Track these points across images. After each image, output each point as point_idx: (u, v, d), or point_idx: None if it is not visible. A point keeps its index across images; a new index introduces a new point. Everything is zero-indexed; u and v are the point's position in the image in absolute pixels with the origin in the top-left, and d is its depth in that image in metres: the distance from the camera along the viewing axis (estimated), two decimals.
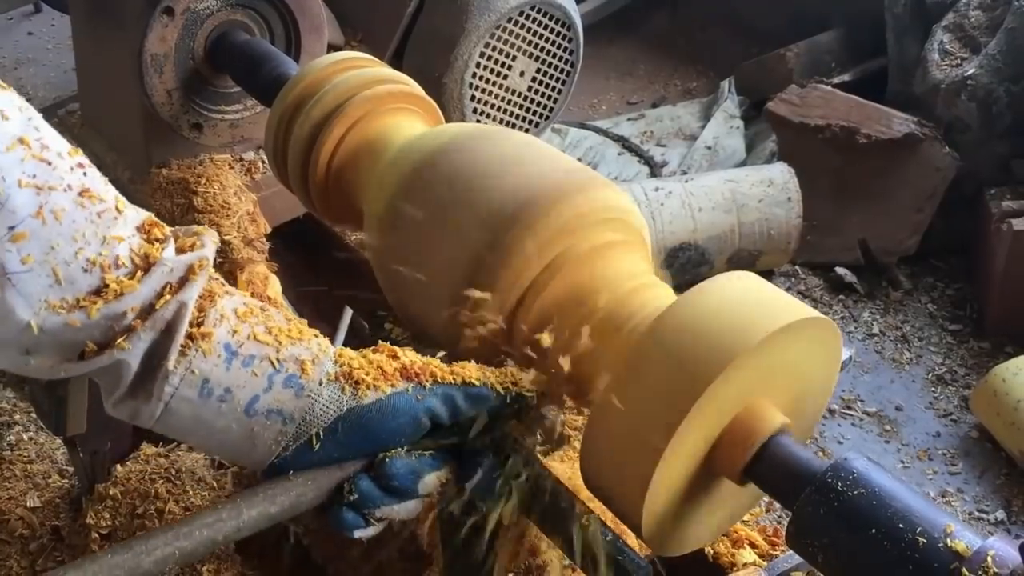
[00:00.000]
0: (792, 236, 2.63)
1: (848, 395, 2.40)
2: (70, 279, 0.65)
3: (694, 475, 0.72)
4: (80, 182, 0.66)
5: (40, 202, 0.63)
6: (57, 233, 0.64)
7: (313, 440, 0.70)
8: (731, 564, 0.93)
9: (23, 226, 0.62)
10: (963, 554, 0.60)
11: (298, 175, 1.03)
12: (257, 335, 0.71)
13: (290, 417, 0.70)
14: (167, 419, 0.69)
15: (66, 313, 0.65)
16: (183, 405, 0.69)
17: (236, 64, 1.25)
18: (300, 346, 0.72)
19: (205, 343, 0.69)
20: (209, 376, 0.69)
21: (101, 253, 0.66)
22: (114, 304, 0.66)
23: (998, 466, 2.23)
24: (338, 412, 0.71)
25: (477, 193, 0.84)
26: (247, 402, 0.69)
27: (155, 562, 0.64)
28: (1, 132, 0.62)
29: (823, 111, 2.80)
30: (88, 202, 0.66)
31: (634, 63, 3.81)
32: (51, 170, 0.64)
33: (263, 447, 0.71)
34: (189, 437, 0.73)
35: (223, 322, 0.70)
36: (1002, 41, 2.65)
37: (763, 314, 0.69)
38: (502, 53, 1.58)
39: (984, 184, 2.67)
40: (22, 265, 0.63)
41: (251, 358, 0.70)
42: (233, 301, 0.72)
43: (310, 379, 0.71)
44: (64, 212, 0.64)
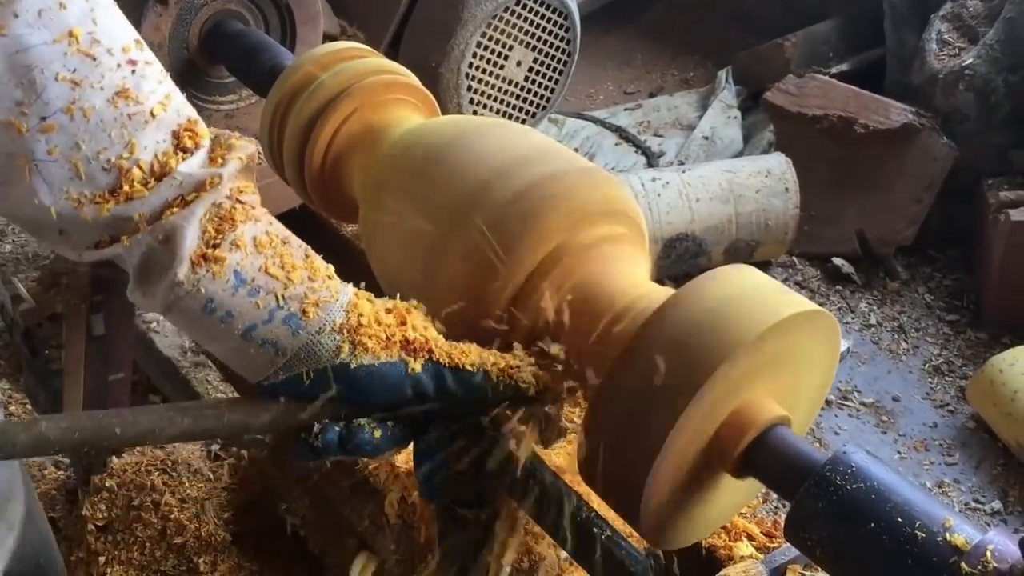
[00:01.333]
0: (789, 227, 2.62)
1: (845, 386, 2.40)
2: (90, 176, 0.68)
3: (692, 468, 0.71)
4: (120, 82, 0.68)
5: (73, 97, 0.66)
6: (84, 130, 0.67)
7: (303, 375, 0.72)
8: (728, 557, 0.93)
9: (53, 118, 0.65)
10: (962, 548, 0.60)
11: (293, 166, 1.03)
12: (269, 268, 0.72)
13: (283, 351, 0.72)
14: (169, 316, 0.73)
15: (81, 207, 0.68)
16: (185, 314, 0.72)
17: (231, 54, 1.24)
18: (310, 286, 0.73)
19: (217, 266, 0.71)
20: (214, 297, 0.71)
21: (122, 156, 0.69)
22: (123, 206, 0.69)
23: (994, 456, 2.23)
24: (331, 362, 0.72)
25: (474, 184, 0.83)
26: (245, 328, 0.72)
27: (137, 433, 0.68)
28: (55, 20, 0.65)
29: (821, 101, 2.79)
30: (123, 103, 0.68)
31: (631, 53, 3.80)
32: (94, 66, 0.66)
33: (254, 368, 0.73)
34: (191, 336, 0.79)
35: (238, 249, 0.72)
36: (1000, 31, 2.64)
37: (761, 307, 0.68)
38: (499, 43, 1.57)
39: (982, 174, 2.67)
40: (48, 155, 0.66)
41: (257, 289, 0.72)
42: (256, 228, 0.73)
43: (310, 322, 0.72)
44: (93, 110, 0.67)
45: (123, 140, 0.69)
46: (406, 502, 1.00)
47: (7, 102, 0.65)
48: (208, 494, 1.50)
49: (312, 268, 0.75)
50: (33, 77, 0.64)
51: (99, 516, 1.49)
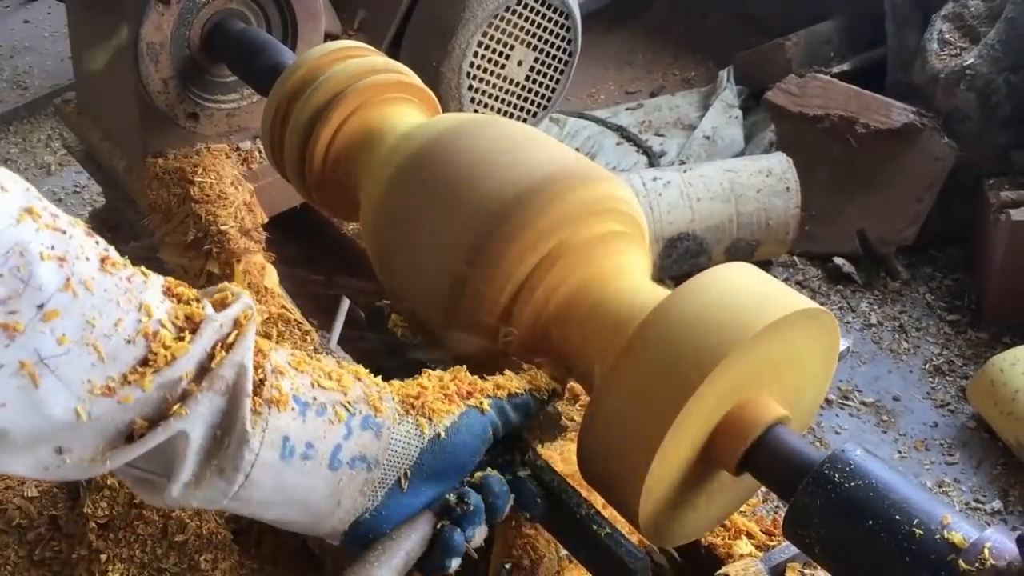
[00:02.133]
0: (790, 226, 2.62)
1: (846, 385, 2.40)
2: (113, 354, 0.58)
3: (691, 466, 0.72)
4: (97, 250, 0.59)
5: (66, 274, 0.56)
6: (91, 306, 0.57)
7: (402, 481, 0.67)
8: (727, 555, 0.93)
9: (53, 302, 0.55)
10: (960, 545, 0.60)
11: (295, 165, 1.03)
12: (320, 382, 0.66)
13: (375, 461, 0.66)
14: (245, 493, 0.63)
15: (115, 392, 0.57)
16: (264, 473, 0.62)
17: (232, 53, 1.24)
18: (362, 386, 0.69)
19: (276, 397, 0.63)
20: (288, 433, 0.63)
21: (141, 321, 0.59)
22: (167, 371, 0.59)
23: (995, 456, 2.23)
24: (420, 445, 0.68)
25: (476, 182, 0.83)
26: (331, 453, 0.65)
27: None
28: (3, 204, 0.55)
29: (822, 101, 2.79)
30: (113, 269, 0.60)
31: (633, 52, 3.80)
32: (68, 239, 0.57)
33: (348, 501, 0.67)
34: (266, 510, 0.66)
35: (283, 375, 0.65)
36: (1001, 31, 2.64)
37: (761, 305, 0.69)
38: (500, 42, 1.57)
39: (983, 174, 2.67)
40: (58, 347, 0.55)
41: (324, 406, 0.65)
42: (281, 354, 0.67)
43: (385, 417, 0.67)
44: (94, 281, 0.57)
45: (133, 305, 0.59)
46: None
47: None
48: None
49: (351, 369, 0.71)
50: (15, 264, 0.53)
51: (100, 514, 1.49)
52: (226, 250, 1.20)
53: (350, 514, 0.67)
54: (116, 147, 1.40)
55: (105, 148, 1.41)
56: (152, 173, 1.28)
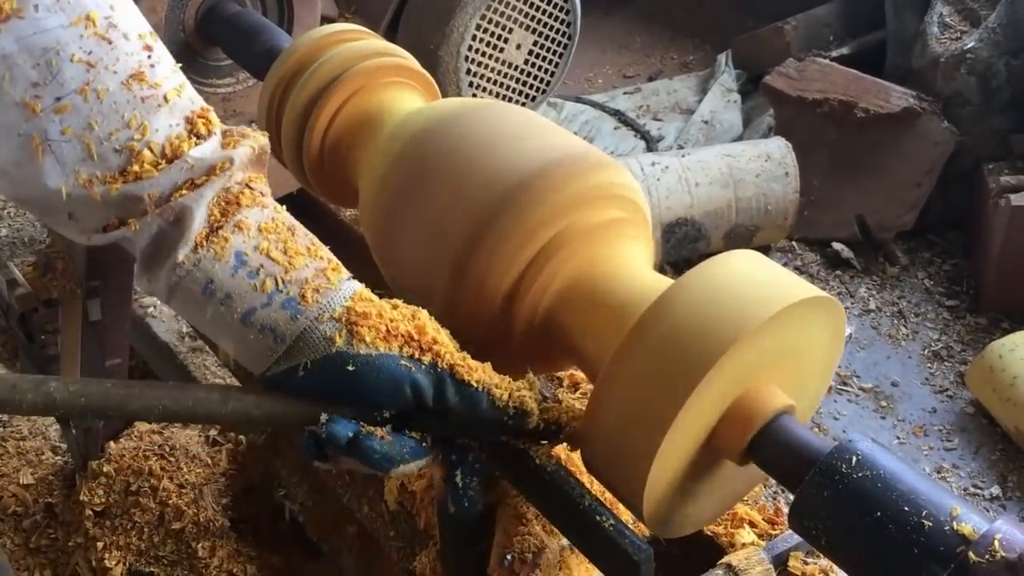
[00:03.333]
0: (789, 211, 2.62)
1: (844, 371, 2.40)
2: (101, 156, 0.69)
3: (696, 456, 0.71)
4: (135, 66, 0.69)
5: (88, 79, 0.67)
6: (97, 111, 0.68)
7: (300, 367, 0.71)
8: (730, 544, 0.92)
9: (67, 99, 0.67)
10: (969, 537, 0.59)
11: (292, 150, 1.02)
12: (271, 252, 0.72)
13: (282, 337, 0.71)
14: (174, 302, 0.73)
15: (91, 187, 0.69)
16: (187, 297, 0.72)
17: (228, 36, 1.23)
18: (311, 273, 0.73)
19: (218, 246, 0.71)
20: (214, 278, 0.71)
21: (134, 138, 0.69)
22: (132, 186, 0.69)
23: (993, 442, 2.23)
24: (327, 351, 0.71)
25: (476, 168, 0.82)
26: (244, 311, 0.71)
27: (142, 407, 0.68)
28: (73, 5, 0.66)
29: (821, 85, 2.78)
30: (137, 86, 0.69)
31: (631, 36, 3.78)
32: (109, 49, 0.68)
33: (254, 356, 0.73)
34: (193, 323, 0.76)
35: (241, 231, 0.72)
36: (1002, 14, 2.63)
37: (767, 293, 0.68)
38: (498, 25, 1.56)
39: (983, 159, 2.66)
40: (61, 135, 0.67)
41: (257, 272, 0.71)
42: (262, 214, 0.74)
43: (309, 306, 0.71)
44: (107, 92, 0.68)
45: (136, 122, 0.69)
46: (406, 489, 1.00)
47: (23, 83, 0.66)
48: (206, 479, 1.50)
49: (316, 257, 0.74)
50: (49, 59, 0.66)
51: (97, 502, 1.49)
52: None
53: (257, 367, 0.73)
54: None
55: None
56: None
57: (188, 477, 1.50)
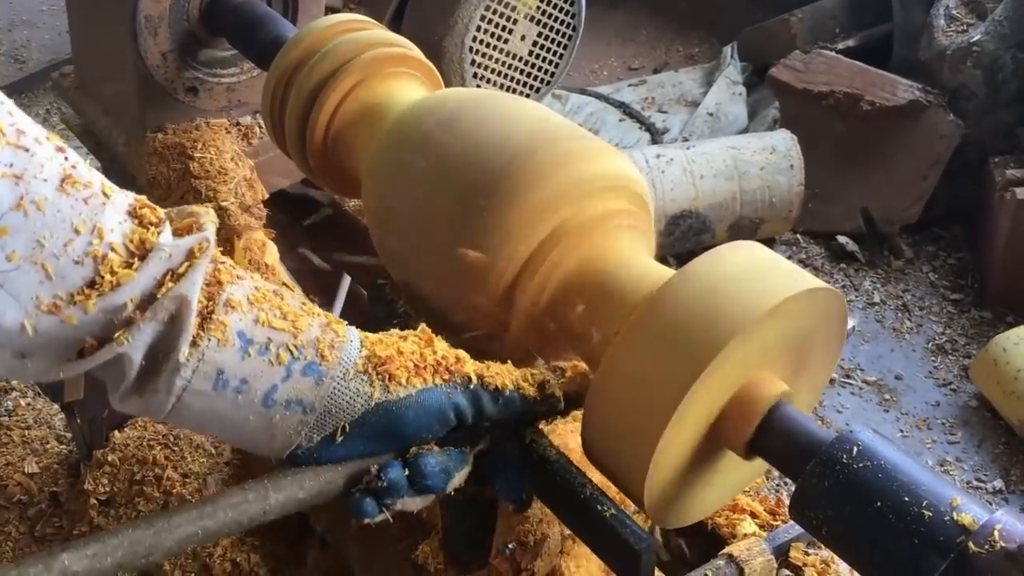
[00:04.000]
0: (794, 204, 2.61)
1: (848, 364, 2.40)
2: (61, 274, 0.60)
3: (697, 447, 0.71)
4: (61, 169, 0.61)
5: (20, 193, 0.58)
6: (42, 225, 0.59)
7: (338, 433, 0.68)
8: (731, 535, 0.92)
9: (4, 220, 0.57)
10: (970, 528, 0.59)
11: (295, 140, 1.02)
12: (272, 321, 0.67)
13: (310, 407, 0.67)
14: (179, 413, 0.65)
15: (60, 311, 0.60)
16: (196, 398, 0.65)
17: (232, 26, 1.23)
18: (318, 331, 0.68)
19: (218, 331, 0.64)
20: (224, 367, 0.65)
21: (92, 243, 0.61)
22: (111, 296, 0.61)
23: (997, 435, 2.23)
24: (366, 406, 0.68)
25: (480, 159, 0.82)
26: (265, 392, 0.66)
27: (177, 541, 0.62)
28: None
29: (827, 77, 2.77)
30: (72, 189, 0.61)
31: (636, 28, 3.77)
32: (29, 157, 0.59)
33: (282, 437, 0.68)
34: (203, 429, 0.69)
35: (235, 310, 0.66)
36: (1009, 7, 2.62)
37: (769, 284, 0.68)
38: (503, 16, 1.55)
39: (988, 152, 2.65)
40: (8, 263, 0.58)
41: (267, 345, 0.66)
42: (243, 287, 0.68)
43: (330, 366, 0.67)
44: (47, 202, 0.59)
45: (87, 226, 0.61)
46: None
47: None
48: (210, 469, 1.50)
49: (314, 313, 0.70)
50: None
51: (101, 490, 1.49)
52: (226, 226, 1.19)
53: (284, 448, 0.68)
54: (115, 122, 1.39)
55: (104, 123, 1.40)
56: (151, 148, 1.27)
57: (192, 467, 1.50)
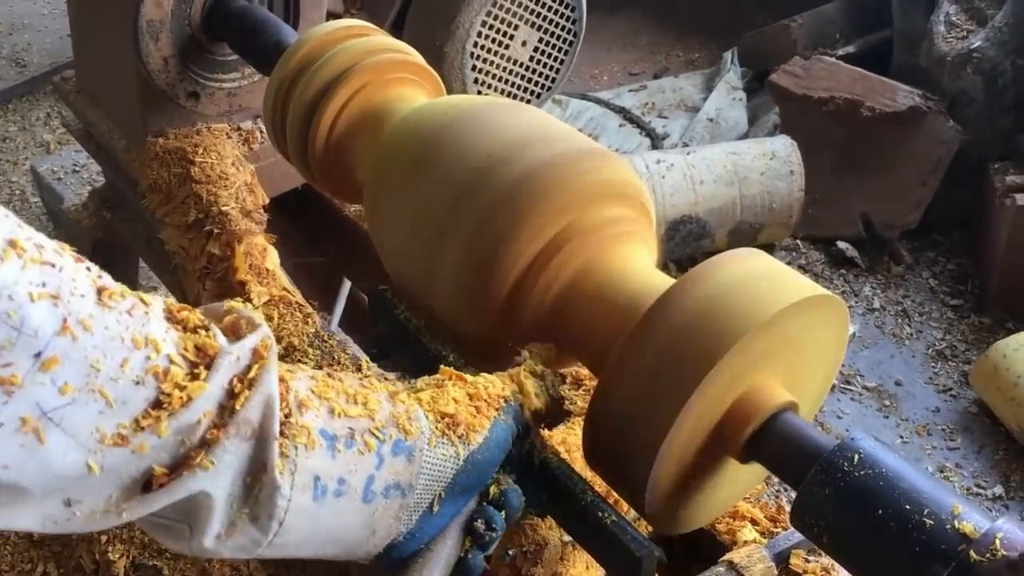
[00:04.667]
0: (794, 209, 2.61)
1: (848, 370, 2.40)
2: (123, 399, 0.52)
3: (699, 453, 0.71)
4: (91, 281, 0.53)
5: (62, 314, 0.49)
6: (93, 347, 0.51)
7: (435, 503, 0.66)
8: (732, 542, 0.92)
9: (51, 349, 0.49)
10: (971, 536, 0.59)
11: (297, 145, 1.02)
12: (346, 410, 0.62)
13: (408, 487, 0.64)
14: (280, 539, 0.59)
15: (128, 441, 0.52)
16: (298, 516, 0.58)
17: (233, 31, 1.23)
18: (389, 407, 0.65)
19: (303, 437, 0.58)
20: (319, 472, 0.59)
21: (149, 358, 0.53)
22: (184, 414, 0.54)
23: (997, 441, 2.23)
24: (456, 467, 0.66)
25: (482, 165, 0.82)
26: (364, 486, 0.62)
27: None
28: None
29: (827, 83, 2.78)
30: (111, 301, 0.53)
31: (636, 34, 3.77)
32: (59, 273, 0.50)
33: (383, 530, 0.64)
34: (303, 550, 0.62)
35: (308, 408, 0.60)
36: (1009, 14, 2.62)
37: (772, 291, 0.68)
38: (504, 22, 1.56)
39: (988, 158, 2.66)
40: (62, 397, 0.49)
41: (352, 437, 0.61)
42: (304, 381, 0.62)
43: (415, 439, 0.64)
44: (92, 319, 0.51)
45: (139, 341, 0.53)
46: None
47: None
48: None
49: (375, 388, 0.67)
50: (3, 309, 0.47)
51: None
52: (227, 231, 1.18)
53: (384, 540, 0.65)
54: (116, 127, 1.39)
55: (104, 127, 1.40)
56: (152, 153, 1.27)
57: None
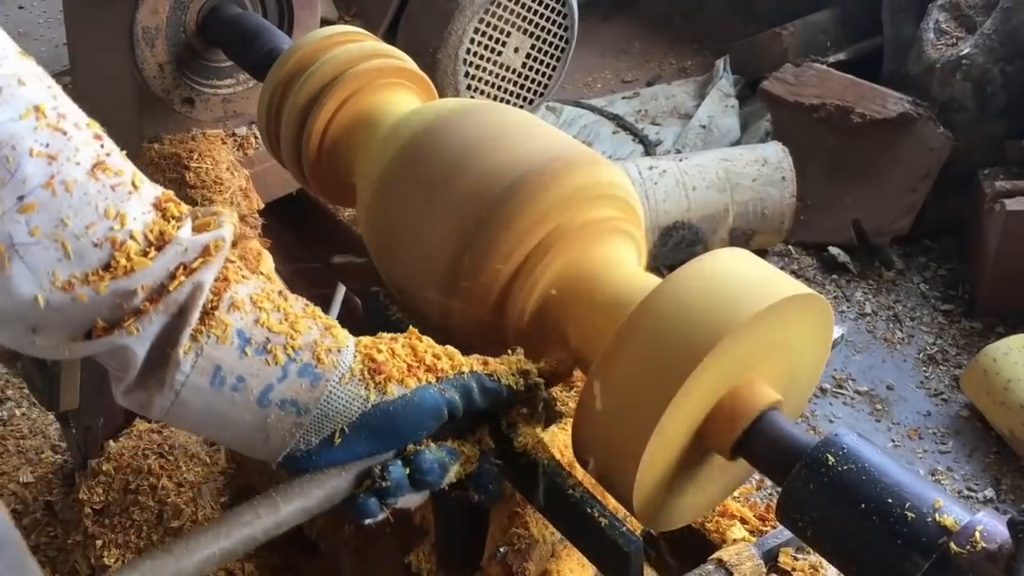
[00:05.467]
0: (786, 215, 2.63)
1: (840, 374, 2.41)
2: (79, 253, 0.62)
3: (685, 450, 0.72)
4: (95, 154, 0.64)
5: (51, 172, 0.60)
6: (68, 205, 0.61)
7: (336, 436, 0.69)
8: (721, 540, 0.93)
9: (32, 196, 0.60)
10: (951, 529, 0.60)
11: (291, 150, 1.03)
12: (272, 323, 0.68)
13: (304, 408, 0.68)
14: (178, 410, 0.67)
15: (73, 288, 0.62)
16: (194, 395, 0.66)
17: (228, 38, 1.24)
18: (316, 335, 0.70)
19: (219, 329, 0.66)
20: (222, 363, 0.66)
21: (112, 228, 0.63)
22: (124, 280, 0.63)
23: (987, 445, 2.24)
24: (363, 408, 0.69)
25: (472, 167, 0.83)
26: (260, 391, 0.67)
27: (196, 564, 0.63)
28: (16, 97, 0.60)
29: (818, 90, 2.79)
30: (103, 175, 0.63)
31: (629, 41, 3.79)
32: (66, 140, 0.62)
33: (277, 439, 0.69)
34: (201, 428, 0.70)
35: (238, 309, 0.68)
36: (997, 21, 2.64)
37: (756, 290, 0.69)
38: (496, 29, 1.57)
39: (978, 164, 2.67)
40: (30, 237, 0.60)
41: (265, 345, 0.68)
42: (248, 287, 0.69)
43: (326, 369, 0.69)
44: (76, 184, 0.62)
45: (111, 212, 0.63)
46: None
47: None
48: (205, 478, 1.50)
49: (315, 317, 0.72)
50: (5, 155, 0.58)
51: (96, 500, 1.49)
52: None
53: (280, 450, 0.69)
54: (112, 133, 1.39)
55: None
56: (147, 158, 1.28)
57: (187, 476, 1.50)
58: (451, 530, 0.90)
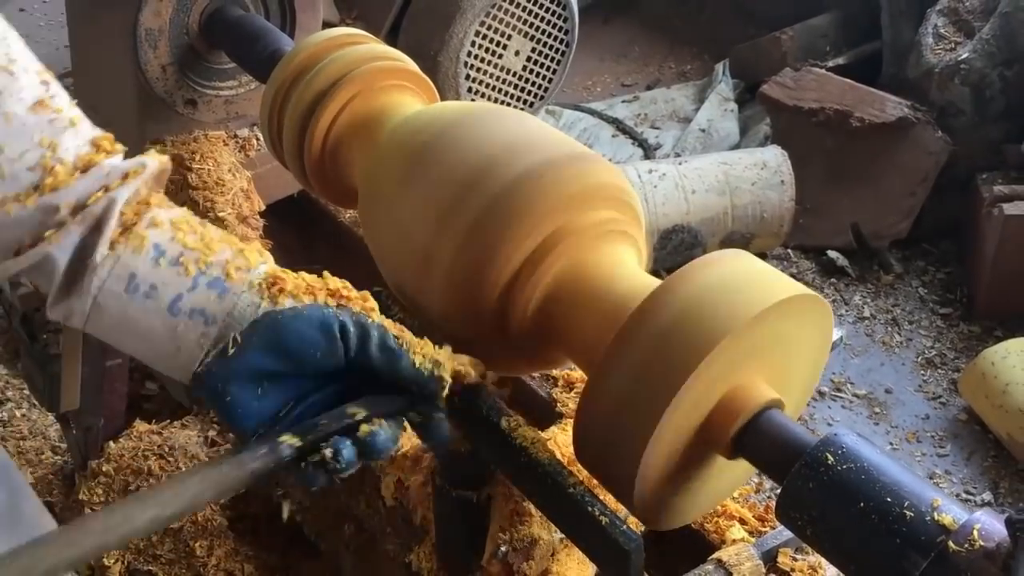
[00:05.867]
0: (785, 219, 2.63)
1: (838, 377, 2.42)
2: (13, 176, 0.69)
3: (686, 449, 0.72)
4: (37, 94, 0.71)
5: None
6: (6, 134, 0.69)
7: (230, 344, 0.71)
8: (721, 540, 0.94)
9: None
10: (950, 527, 0.61)
11: (293, 152, 1.03)
12: (188, 241, 0.73)
13: (212, 319, 0.72)
14: (97, 317, 0.72)
15: (4, 204, 0.69)
16: (111, 300, 0.71)
17: (231, 39, 1.25)
18: (229, 255, 0.74)
19: (135, 240, 0.71)
20: (136, 271, 0.71)
21: (45, 155, 0.70)
22: (48, 197, 0.69)
23: (986, 448, 2.25)
24: (254, 315, 0.72)
25: (473, 169, 0.84)
26: (171, 300, 0.71)
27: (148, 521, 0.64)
28: None
29: (817, 94, 2.80)
30: (42, 111, 0.70)
31: (629, 45, 3.80)
32: (12, 80, 0.69)
33: (187, 351, 0.72)
34: (118, 339, 0.74)
35: (156, 226, 0.73)
36: (996, 26, 2.65)
37: (756, 290, 0.69)
38: (497, 32, 1.58)
39: (976, 169, 2.68)
40: None
41: (179, 258, 0.72)
42: (172, 212, 0.75)
43: (234, 283, 0.73)
44: (15, 116, 0.69)
45: (46, 141, 0.70)
46: (402, 485, 1.01)
47: None
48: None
49: (230, 242, 0.76)
50: None
51: (96, 500, 1.50)
52: None
53: (190, 362, 0.72)
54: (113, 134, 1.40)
55: None
56: None
57: None
58: (451, 530, 0.90)
